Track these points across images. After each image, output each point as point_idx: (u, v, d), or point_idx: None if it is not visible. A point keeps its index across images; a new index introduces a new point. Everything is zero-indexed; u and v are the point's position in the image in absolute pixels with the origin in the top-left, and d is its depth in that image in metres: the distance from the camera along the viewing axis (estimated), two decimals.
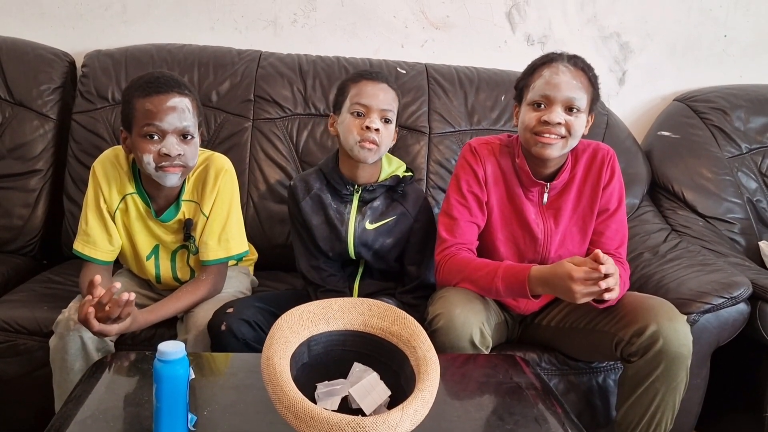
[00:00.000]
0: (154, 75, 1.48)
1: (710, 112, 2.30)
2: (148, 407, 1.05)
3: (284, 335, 1.07)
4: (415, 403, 0.96)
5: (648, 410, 1.45)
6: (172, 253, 1.63)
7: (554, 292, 1.42)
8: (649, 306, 1.45)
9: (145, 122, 1.44)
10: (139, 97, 1.45)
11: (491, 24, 2.35)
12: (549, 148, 1.48)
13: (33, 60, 2.09)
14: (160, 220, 1.58)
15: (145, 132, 1.45)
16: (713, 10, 2.41)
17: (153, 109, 1.43)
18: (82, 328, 1.43)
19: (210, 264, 1.59)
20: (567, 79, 1.46)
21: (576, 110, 1.47)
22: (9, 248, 2.02)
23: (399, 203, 1.64)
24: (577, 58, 1.51)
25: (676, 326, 1.40)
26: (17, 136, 2.03)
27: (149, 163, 1.46)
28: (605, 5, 2.37)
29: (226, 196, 1.59)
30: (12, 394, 1.63)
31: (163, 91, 1.45)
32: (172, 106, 1.44)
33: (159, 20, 2.24)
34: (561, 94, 1.46)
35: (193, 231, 1.59)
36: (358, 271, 1.69)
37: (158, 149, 1.44)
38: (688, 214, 2.16)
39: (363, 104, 1.55)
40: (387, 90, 1.58)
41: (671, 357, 1.39)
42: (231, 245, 1.60)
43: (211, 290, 1.58)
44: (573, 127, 1.47)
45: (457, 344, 1.41)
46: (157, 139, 1.45)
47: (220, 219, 1.58)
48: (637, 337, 1.41)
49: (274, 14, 2.27)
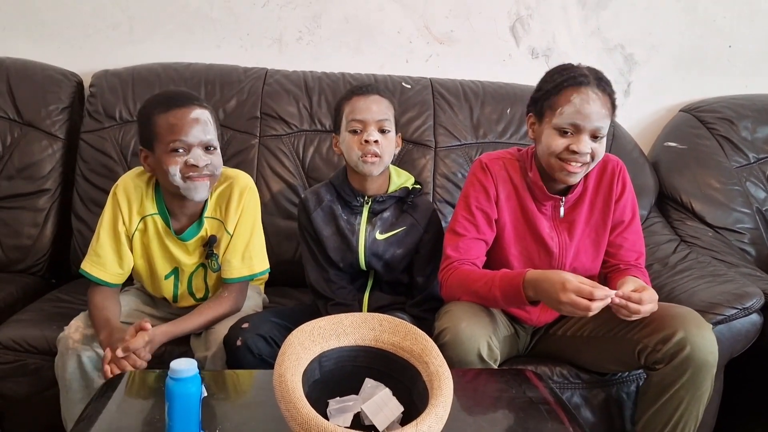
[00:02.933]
0: (171, 91, 1.51)
1: (717, 122, 2.29)
2: (161, 426, 1.04)
3: (296, 351, 1.06)
4: (429, 420, 0.95)
5: (671, 419, 1.44)
6: (190, 274, 1.63)
7: (540, 296, 1.39)
8: (675, 314, 1.44)
9: (170, 138, 1.45)
10: (161, 113, 1.46)
11: (495, 38, 2.36)
12: (574, 176, 1.48)
13: (41, 80, 2.10)
14: (181, 238, 1.58)
15: (171, 147, 1.45)
16: (717, 21, 2.41)
17: (177, 123, 1.44)
18: (80, 348, 1.45)
19: (233, 282, 1.58)
20: (597, 108, 1.44)
21: (600, 137, 1.47)
22: (18, 268, 2.02)
23: (408, 214, 1.65)
24: (603, 80, 1.48)
25: (703, 333, 1.40)
26: (26, 156, 2.04)
27: (176, 175, 1.46)
28: (609, 18, 2.37)
29: (251, 215, 1.60)
30: (22, 413, 1.63)
31: (184, 104, 1.46)
32: (195, 118, 1.46)
33: (165, 39, 2.26)
34: (591, 124, 1.44)
35: (215, 248, 1.59)
36: (368, 284, 1.69)
37: (185, 160, 1.45)
38: (697, 224, 2.15)
39: (358, 120, 1.57)
40: (379, 100, 1.59)
41: (698, 364, 1.38)
42: (254, 263, 1.60)
43: (232, 307, 1.58)
44: (597, 153, 1.47)
45: (464, 358, 1.40)
46: (182, 152, 1.46)
47: (244, 237, 1.59)
48: (663, 344, 1.40)
49: (279, 32, 2.29)
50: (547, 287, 1.35)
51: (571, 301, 1.31)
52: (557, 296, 1.33)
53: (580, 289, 1.31)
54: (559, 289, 1.32)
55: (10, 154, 2.04)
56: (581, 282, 1.33)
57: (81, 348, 1.45)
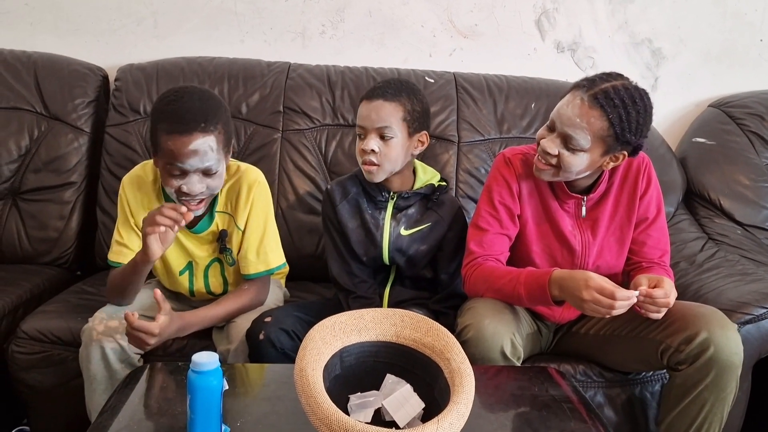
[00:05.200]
0: (179, 108, 1.42)
1: (747, 117, 2.25)
2: (182, 418, 1.05)
3: (317, 346, 1.06)
4: (450, 416, 0.94)
5: (695, 421, 1.41)
6: (205, 268, 1.63)
7: (564, 295, 1.38)
8: (699, 313, 1.42)
9: (167, 160, 1.44)
10: (163, 132, 1.43)
11: (520, 32, 2.33)
12: (538, 171, 1.50)
13: (68, 75, 2.13)
14: (194, 231, 1.59)
15: (168, 169, 1.45)
16: (748, 15, 2.36)
17: (175, 151, 1.41)
18: (103, 339, 1.46)
19: (251, 278, 1.59)
20: (573, 113, 1.41)
21: (572, 147, 1.43)
22: (44, 260, 2.05)
23: (434, 211, 1.64)
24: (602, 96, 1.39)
25: (727, 334, 1.37)
26: (52, 149, 2.07)
27: (172, 194, 1.48)
28: (636, 11, 2.33)
29: (261, 210, 1.60)
30: (48, 403, 1.65)
31: (185, 131, 1.41)
32: (194, 149, 1.41)
33: (189, 34, 2.27)
34: (562, 126, 1.43)
35: (228, 243, 1.59)
36: (389, 279, 1.68)
37: (179, 185, 1.45)
38: (726, 222, 2.11)
39: (361, 126, 1.58)
40: (381, 106, 1.56)
41: (722, 365, 1.36)
42: (269, 258, 1.60)
43: (254, 300, 1.58)
44: (564, 161, 1.44)
45: (487, 355, 1.39)
46: (178, 175, 1.45)
47: (257, 233, 1.59)
48: (687, 344, 1.38)
49: (302, 26, 2.29)
50: (571, 285, 1.36)
51: (594, 299, 1.31)
52: (580, 294, 1.33)
53: (602, 287, 1.31)
54: (582, 286, 1.33)
55: (37, 148, 2.07)
56: (604, 281, 1.32)
57: (104, 339, 1.47)
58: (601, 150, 1.42)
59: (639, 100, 1.39)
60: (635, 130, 1.39)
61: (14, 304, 1.75)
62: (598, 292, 1.31)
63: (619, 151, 1.44)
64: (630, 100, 1.37)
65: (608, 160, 1.45)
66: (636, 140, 1.42)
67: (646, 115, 1.40)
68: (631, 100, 1.38)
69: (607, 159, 1.45)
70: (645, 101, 1.40)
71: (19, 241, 2.04)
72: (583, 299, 1.32)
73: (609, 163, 1.46)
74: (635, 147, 1.45)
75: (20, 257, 2.05)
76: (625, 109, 1.37)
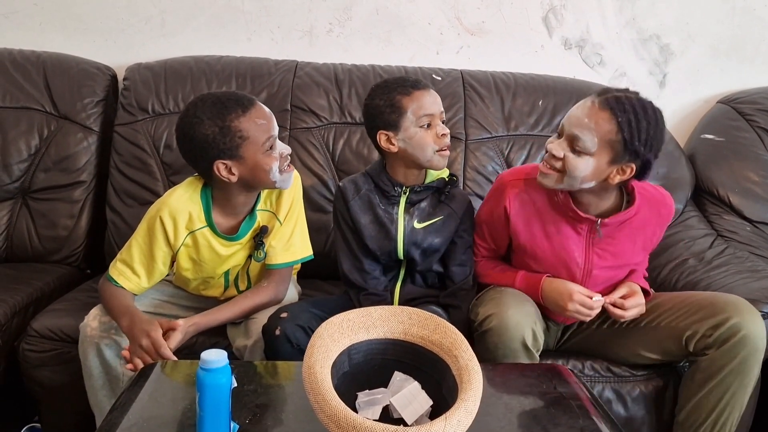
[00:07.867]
0: (233, 94, 1.47)
1: (756, 113, 2.23)
2: (191, 416, 1.05)
3: (325, 344, 1.07)
4: (458, 414, 0.94)
5: (715, 408, 1.44)
6: (239, 270, 1.63)
7: (547, 303, 1.51)
8: (727, 300, 1.47)
9: (264, 137, 1.44)
10: (241, 116, 1.42)
11: (527, 29, 2.32)
12: (542, 176, 1.49)
13: (77, 74, 2.14)
14: (234, 238, 1.56)
15: (266, 146, 1.45)
16: (757, 10, 2.34)
17: (266, 122, 1.45)
18: (98, 335, 1.48)
19: (275, 268, 1.59)
20: (582, 114, 1.40)
21: (578, 150, 1.40)
22: (54, 258, 2.06)
23: (446, 204, 1.65)
24: (613, 101, 1.38)
25: (755, 319, 1.42)
26: (62, 148, 2.08)
27: (276, 171, 1.47)
28: (644, 7, 2.32)
29: (298, 202, 1.62)
30: (58, 401, 1.66)
31: (256, 103, 1.46)
32: (269, 113, 1.47)
33: (197, 32, 2.28)
34: (570, 127, 1.42)
35: (265, 238, 1.59)
36: (399, 276, 1.68)
37: (278, 154, 1.47)
38: (735, 218, 2.10)
39: (429, 114, 1.55)
40: (436, 93, 1.60)
41: (750, 348, 1.40)
42: (296, 249, 1.61)
43: (272, 297, 1.58)
44: (569, 164, 1.41)
45: (509, 345, 1.41)
46: (272, 148, 1.47)
47: (290, 224, 1.60)
48: (715, 329, 1.42)
49: (309, 24, 2.29)
50: (556, 297, 1.49)
51: (576, 310, 1.47)
52: (564, 305, 1.47)
53: (585, 301, 1.47)
54: (566, 299, 1.47)
55: (46, 147, 2.08)
56: (585, 297, 1.47)
57: (99, 335, 1.48)
58: (608, 157, 1.38)
59: (651, 111, 1.37)
60: (644, 140, 1.35)
61: (25, 302, 1.76)
62: (581, 305, 1.46)
63: (627, 163, 1.39)
64: (641, 109, 1.36)
65: (615, 171, 1.40)
66: (645, 153, 1.37)
67: (657, 128, 1.37)
68: (642, 110, 1.36)
69: (613, 170, 1.40)
70: (657, 115, 1.38)
71: (30, 239, 2.06)
72: (566, 309, 1.47)
73: (616, 176, 1.40)
74: (644, 163, 1.39)
75: (30, 256, 2.06)
76: (635, 116, 1.34)
